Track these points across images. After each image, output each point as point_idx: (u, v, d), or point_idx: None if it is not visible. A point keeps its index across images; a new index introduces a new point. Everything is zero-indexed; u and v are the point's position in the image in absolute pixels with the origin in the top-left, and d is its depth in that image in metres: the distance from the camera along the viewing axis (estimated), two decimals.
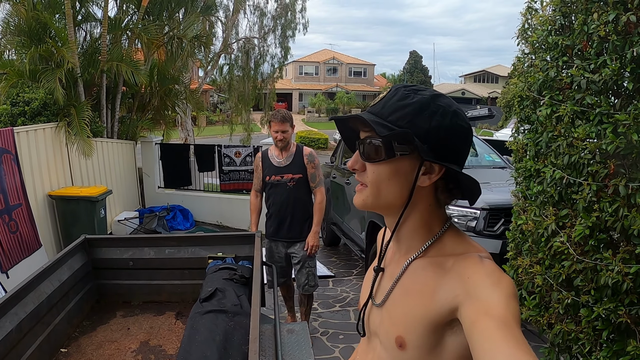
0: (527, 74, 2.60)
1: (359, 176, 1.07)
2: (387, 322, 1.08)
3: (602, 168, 2.13)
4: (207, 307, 2.91)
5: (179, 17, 10.84)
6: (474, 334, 0.84)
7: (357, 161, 1.06)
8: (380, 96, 1.05)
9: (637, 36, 2.00)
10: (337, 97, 48.82)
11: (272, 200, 4.42)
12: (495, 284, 0.90)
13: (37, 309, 3.01)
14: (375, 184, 1.03)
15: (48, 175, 6.72)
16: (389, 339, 1.05)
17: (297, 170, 4.29)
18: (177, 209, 9.24)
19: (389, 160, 1.00)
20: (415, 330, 0.98)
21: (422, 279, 1.02)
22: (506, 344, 0.78)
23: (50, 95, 7.03)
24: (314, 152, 4.44)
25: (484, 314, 0.84)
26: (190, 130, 15.63)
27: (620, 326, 2.16)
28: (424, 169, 1.00)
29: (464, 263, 0.97)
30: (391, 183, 1.02)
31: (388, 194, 1.03)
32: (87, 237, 3.95)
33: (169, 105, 10.70)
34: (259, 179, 4.48)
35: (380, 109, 1.02)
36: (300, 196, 4.35)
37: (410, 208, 1.04)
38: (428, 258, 1.05)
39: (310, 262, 4.44)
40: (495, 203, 4.44)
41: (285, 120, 4.21)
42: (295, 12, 18.30)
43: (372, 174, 1.03)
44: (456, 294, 0.93)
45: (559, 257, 2.38)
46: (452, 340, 0.96)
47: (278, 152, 4.33)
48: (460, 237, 1.07)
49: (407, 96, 1.01)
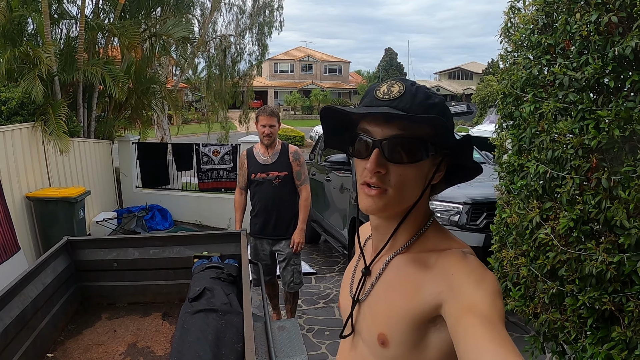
0: (510, 71, 2.67)
1: (377, 179, 0.97)
2: (369, 319, 1.07)
3: (584, 162, 2.19)
4: (196, 307, 2.91)
5: (156, 15, 10.73)
6: (458, 331, 0.84)
7: (381, 162, 0.96)
8: (393, 90, 0.97)
9: (618, 36, 2.07)
10: (313, 94, 48.90)
11: (257, 197, 4.41)
12: (479, 280, 0.90)
13: (22, 313, 2.97)
14: (401, 187, 0.97)
15: (25, 177, 6.60)
16: (371, 336, 1.04)
17: (283, 168, 4.30)
18: (155, 209, 9.16)
19: (419, 162, 0.96)
20: (398, 327, 0.97)
21: (405, 276, 1.02)
22: (491, 342, 0.78)
23: (28, 94, 6.90)
24: (299, 150, 4.47)
25: (468, 311, 0.84)
26: (166, 129, 15.50)
27: (605, 313, 2.23)
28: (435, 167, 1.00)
29: (447, 259, 0.96)
30: (415, 184, 0.99)
31: (409, 196, 1.00)
32: (69, 238, 3.91)
33: (145, 104, 10.59)
34: (243, 176, 4.45)
35: (410, 105, 0.94)
36: (286, 194, 4.36)
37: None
38: (411, 254, 1.04)
39: (296, 259, 4.46)
40: (477, 198, 4.52)
41: (274, 115, 4.23)
42: (273, 10, 18.26)
43: (399, 177, 0.97)
44: (440, 290, 0.92)
45: (543, 249, 2.44)
46: (435, 337, 0.95)
47: (264, 149, 4.32)
48: (443, 233, 1.07)
49: (429, 96, 0.97)
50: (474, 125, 20.26)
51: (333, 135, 1.10)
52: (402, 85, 0.96)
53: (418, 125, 0.94)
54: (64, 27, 9.47)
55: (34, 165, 6.90)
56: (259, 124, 4.24)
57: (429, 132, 0.95)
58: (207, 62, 17.43)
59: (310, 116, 45.24)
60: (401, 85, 0.96)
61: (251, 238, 4.54)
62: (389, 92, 0.96)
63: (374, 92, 0.98)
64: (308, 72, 55.72)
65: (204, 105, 20.09)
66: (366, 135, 0.98)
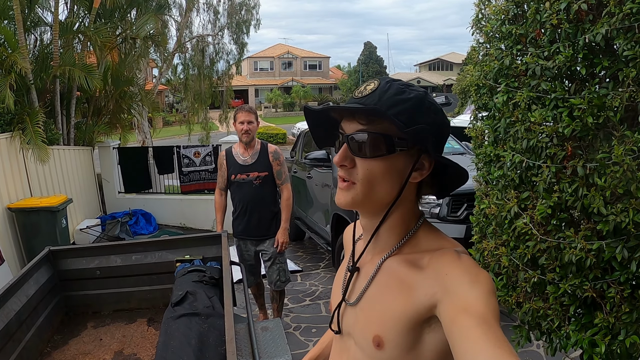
0: (482, 62, 2.67)
1: (345, 173, 1.00)
2: (362, 322, 1.06)
3: (560, 150, 2.20)
4: (179, 311, 2.89)
5: (131, 17, 10.62)
6: (453, 332, 0.84)
7: (347, 156, 0.99)
8: (368, 88, 0.98)
9: (589, 23, 2.08)
10: (293, 91, 48.79)
11: (238, 198, 4.39)
12: (474, 280, 0.90)
13: (6, 327, 2.94)
14: (368, 181, 0.98)
15: (5, 188, 6.52)
16: (365, 338, 1.03)
17: (263, 168, 4.27)
18: (139, 214, 9.12)
19: (385, 156, 0.97)
20: (393, 329, 0.97)
21: (398, 277, 1.01)
22: (486, 342, 0.78)
23: (3, 104, 6.81)
24: (278, 149, 4.43)
25: (463, 311, 0.84)
26: (147, 133, 15.37)
27: (587, 300, 2.25)
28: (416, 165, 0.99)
29: (441, 259, 0.96)
30: (384, 180, 0.98)
31: (379, 191, 0.99)
32: (51, 249, 3.86)
33: (124, 108, 10.48)
34: (223, 177, 4.42)
35: (377, 101, 0.95)
36: (267, 194, 4.33)
37: (395, 205, 1.02)
38: (403, 255, 1.04)
39: (281, 258, 4.46)
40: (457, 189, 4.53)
41: (251, 112, 4.24)
42: (250, 9, 18.18)
43: (365, 171, 0.98)
44: (434, 291, 0.92)
45: (523, 238, 2.45)
46: (430, 337, 0.95)
47: (243, 149, 4.30)
48: (434, 233, 1.07)
49: (403, 91, 0.97)
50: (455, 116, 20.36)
51: (320, 134, 1.13)
52: (377, 83, 0.98)
53: (380, 121, 0.95)
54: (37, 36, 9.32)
55: (14, 175, 6.81)
56: (237, 122, 4.21)
57: (392, 127, 0.94)
58: (184, 63, 17.32)
59: (291, 113, 45.13)
60: (376, 83, 0.98)
61: (235, 239, 4.52)
62: (364, 90, 0.99)
63: (354, 91, 1.01)
64: (288, 69, 55.58)
65: (185, 106, 19.96)
66: (340, 131, 1.01)
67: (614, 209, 2.03)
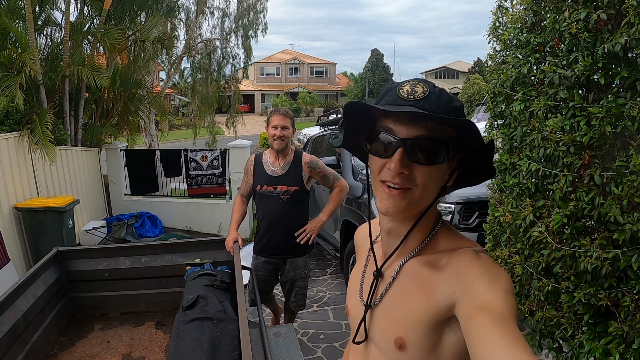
0: (499, 70, 2.67)
1: (400, 179, 0.95)
2: (383, 324, 1.06)
3: (576, 159, 2.20)
4: (190, 315, 2.88)
5: (141, 20, 10.66)
6: (470, 329, 0.84)
7: (405, 163, 0.94)
8: (417, 90, 0.95)
9: (608, 33, 2.08)
10: (300, 97, 48.91)
11: (262, 213, 3.88)
12: (493, 279, 0.90)
13: (13, 327, 2.93)
14: (425, 187, 0.96)
15: (13, 187, 6.52)
16: (387, 340, 1.03)
17: (293, 182, 3.74)
18: (145, 216, 9.09)
19: (440, 164, 0.96)
20: (416, 330, 0.97)
21: (419, 279, 1.01)
22: (503, 340, 0.77)
23: (13, 103, 6.83)
24: (314, 157, 3.88)
25: (481, 309, 0.84)
26: (154, 135, 15.40)
27: (601, 309, 2.24)
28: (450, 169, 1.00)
29: (460, 259, 0.96)
30: (435, 185, 0.98)
31: (430, 197, 0.99)
32: (59, 249, 3.86)
33: (132, 110, 10.51)
34: (247, 184, 3.91)
35: (435, 108, 0.92)
36: (295, 212, 3.82)
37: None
38: (422, 257, 1.04)
39: (301, 282, 3.98)
40: (469, 197, 4.53)
41: (287, 116, 3.69)
42: (257, 13, 18.23)
43: (424, 177, 0.96)
44: (454, 290, 0.92)
45: (537, 247, 2.45)
46: (450, 337, 0.95)
47: (274, 158, 3.79)
48: (452, 233, 1.07)
49: (452, 99, 0.97)
50: None
51: (351, 132, 1.09)
52: (425, 86, 0.95)
53: (442, 127, 0.93)
54: (47, 36, 9.37)
55: (22, 175, 6.82)
56: (270, 126, 3.68)
57: (451, 134, 0.94)
58: (192, 66, 17.37)
59: (297, 119, 44.97)
60: (425, 86, 0.95)
61: (253, 255, 4.04)
62: (413, 92, 0.94)
63: (397, 90, 0.96)
64: (294, 74, 55.73)
65: (191, 110, 19.98)
66: (389, 134, 0.96)
67: (631, 218, 2.02)
